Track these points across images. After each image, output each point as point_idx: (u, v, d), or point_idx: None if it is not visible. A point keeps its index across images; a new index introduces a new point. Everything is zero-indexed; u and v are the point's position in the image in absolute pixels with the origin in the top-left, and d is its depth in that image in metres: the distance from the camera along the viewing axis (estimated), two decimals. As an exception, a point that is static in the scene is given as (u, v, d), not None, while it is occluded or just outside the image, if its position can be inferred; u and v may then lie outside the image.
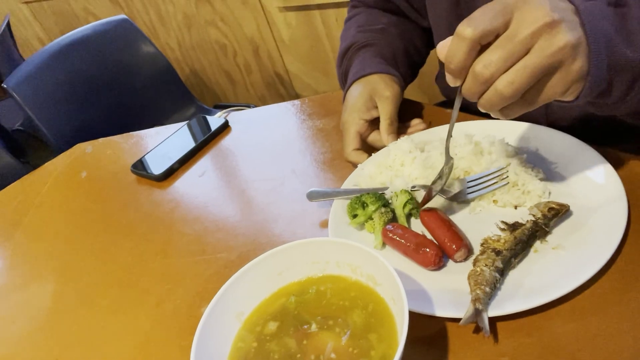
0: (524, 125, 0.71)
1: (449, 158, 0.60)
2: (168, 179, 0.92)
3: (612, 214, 0.53)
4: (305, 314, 0.52)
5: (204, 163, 0.95)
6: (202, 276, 0.70)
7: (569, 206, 0.56)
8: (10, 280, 0.82)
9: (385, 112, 0.76)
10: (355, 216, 0.66)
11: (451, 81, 0.49)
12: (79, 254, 0.83)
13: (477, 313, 0.49)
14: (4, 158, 1.78)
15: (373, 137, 0.79)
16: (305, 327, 0.51)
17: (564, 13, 0.45)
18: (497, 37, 0.45)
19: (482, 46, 0.46)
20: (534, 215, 0.56)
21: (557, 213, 0.55)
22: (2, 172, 1.76)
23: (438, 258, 0.55)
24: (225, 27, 2.22)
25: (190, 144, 0.98)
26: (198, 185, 0.89)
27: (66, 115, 1.59)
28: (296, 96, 2.33)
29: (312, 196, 0.73)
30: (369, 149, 0.78)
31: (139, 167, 0.96)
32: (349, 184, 0.73)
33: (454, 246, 0.56)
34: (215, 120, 1.04)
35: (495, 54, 0.44)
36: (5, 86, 1.57)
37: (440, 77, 0.99)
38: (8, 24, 2.31)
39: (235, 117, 1.07)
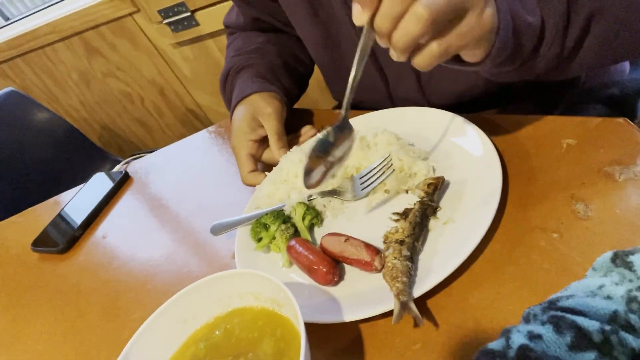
0: (404, 110, 0.73)
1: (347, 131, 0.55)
2: (72, 249, 0.86)
3: (490, 178, 0.55)
4: (217, 358, 0.50)
5: (108, 222, 0.90)
6: (118, 344, 0.65)
7: (443, 177, 0.57)
8: None
9: (271, 128, 0.76)
10: (260, 240, 0.65)
11: (359, 15, 0.44)
12: (-13, 354, 0.75)
13: (404, 305, 0.47)
14: None
15: (266, 155, 0.78)
16: (217, 371, 0.48)
17: None
18: None
19: None
20: (418, 196, 0.56)
21: (436, 186, 0.56)
22: None
23: (330, 276, 0.54)
24: (124, 75, 2.15)
25: (91, 206, 0.93)
26: (103, 247, 0.84)
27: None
28: (214, 127, 2.29)
29: (215, 230, 0.70)
30: (268, 169, 0.77)
31: (39, 244, 0.89)
32: (251, 208, 0.71)
33: (363, 263, 0.54)
34: (114, 175, 1.00)
35: None
36: None
37: (328, 81, 1.00)
38: None
39: (136, 166, 1.03)
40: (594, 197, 0.50)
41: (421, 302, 0.49)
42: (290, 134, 0.83)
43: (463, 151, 0.61)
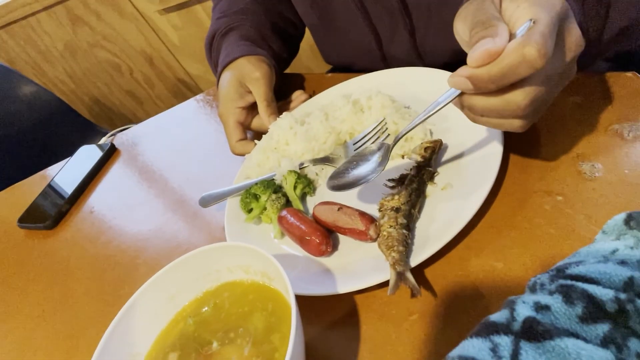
0: (398, 71, 0.69)
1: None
2: (59, 224, 0.84)
3: (490, 140, 0.51)
4: (206, 334, 0.48)
5: (95, 196, 0.87)
6: (107, 319, 0.63)
7: (441, 140, 0.54)
8: None
9: (260, 93, 0.72)
10: (250, 211, 0.62)
11: (462, 88, 0.41)
12: (-24, 333, 0.74)
13: (400, 276, 0.45)
14: None
15: (256, 123, 0.75)
16: (207, 348, 0.46)
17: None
18: None
19: None
20: (415, 160, 0.53)
21: (434, 150, 0.53)
22: None
23: (323, 246, 0.51)
24: (111, 45, 2.08)
25: (77, 180, 0.90)
26: (91, 222, 0.81)
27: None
28: (207, 97, 2.23)
29: (204, 202, 0.67)
30: (258, 137, 0.73)
31: (26, 220, 0.87)
32: (240, 178, 0.68)
33: (358, 232, 0.52)
34: (100, 148, 0.96)
35: (543, 89, 0.39)
36: None
37: (320, 51, 0.94)
38: None
39: (123, 138, 0.99)
40: (601, 156, 0.47)
41: (418, 271, 0.47)
42: (281, 100, 0.79)
43: (461, 112, 0.58)
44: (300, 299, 0.43)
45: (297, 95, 0.77)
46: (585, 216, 0.43)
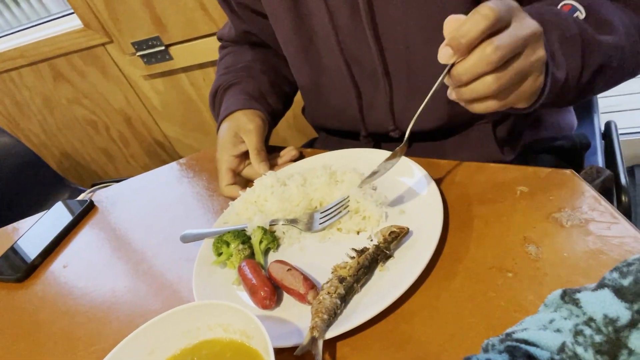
0: (380, 152, 0.76)
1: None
2: (30, 278, 0.84)
3: (433, 224, 0.58)
4: (182, 390, 0.50)
5: (69, 251, 0.88)
6: (75, 377, 0.63)
7: (408, 228, 0.59)
8: None
9: (251, 143, 0.80)
10: (220, 255, 0.67)
11: (447, 57, 0.48)
12: None
13: (313, 341, 0.50)
14: None
15: (247, 172, 0.82)
16: (183, 404, 0.48)
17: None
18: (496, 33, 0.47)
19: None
20: (377, 240, 0.59)
21: (397, 236, 0.58)
22: None
23: (266, 301, 0.57)
24: (90, 103, 2.13)
25: (52, 234, 0.91)
26: (64, 277, 0.82)
27: None
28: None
29: (185, 239, 0.73)
30: (246, 184, 0.80)
31: (-6, 272, 0.86)
32: (220, 222, 0.74)
33: (298, 294, 0.57)
34: (78, 203, 0.98)
35: (507, 40, 0.46)
36: None
37: (307, 110, 1.02)
38: None
39: (102, 195, 1.02)
40: (544, 240, 0.55)
41: (385, 330, 0.51)
42: (273, 153, 0.86)
43: (420, 202, 0.64)
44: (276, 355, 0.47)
45: (289, 150, 0.84)
46: (530, 291, 0.50)
